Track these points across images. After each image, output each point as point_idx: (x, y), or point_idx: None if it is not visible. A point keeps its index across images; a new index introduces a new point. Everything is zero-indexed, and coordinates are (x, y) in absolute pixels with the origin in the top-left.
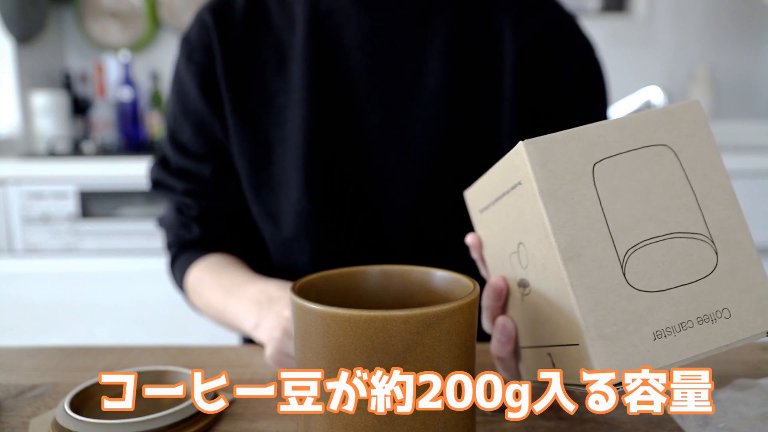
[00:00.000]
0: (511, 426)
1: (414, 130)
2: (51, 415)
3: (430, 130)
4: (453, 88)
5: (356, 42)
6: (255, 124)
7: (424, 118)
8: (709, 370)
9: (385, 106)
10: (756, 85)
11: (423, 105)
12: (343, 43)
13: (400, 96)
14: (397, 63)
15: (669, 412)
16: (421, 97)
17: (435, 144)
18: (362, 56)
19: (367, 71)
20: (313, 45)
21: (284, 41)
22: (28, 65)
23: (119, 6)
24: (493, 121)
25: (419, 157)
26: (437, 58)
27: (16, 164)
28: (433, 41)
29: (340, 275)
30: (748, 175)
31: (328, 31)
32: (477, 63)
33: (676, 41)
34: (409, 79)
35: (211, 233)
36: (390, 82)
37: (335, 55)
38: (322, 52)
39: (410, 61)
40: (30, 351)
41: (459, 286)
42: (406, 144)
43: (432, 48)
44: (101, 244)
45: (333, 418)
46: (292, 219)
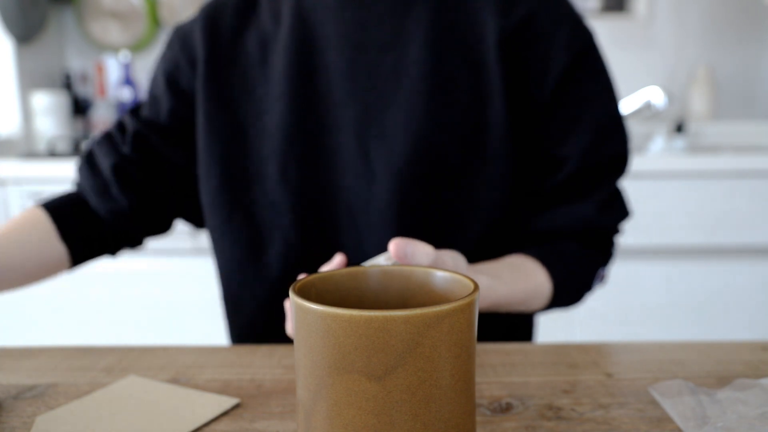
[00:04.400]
0: (511, 426)
1: (395, 120)
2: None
3: (411, 120)
4: (434, 78)
5: (337, 35)
6: (233, 112)
7: (404, 109)
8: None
9: (365, 97)
10: (756, 85)
11: (404, 94)
12: (324, 36)
13: (380, 87)
14: (378, 54)
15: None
16: (402, 87)
17: (416, 134)
18: (343, 49)
19: (348, 63)
20: (295, 39)
21: (269, 35)
22: (28, 65)
23: (119, 6)
24: (478, 111)
25: (400, 148)
26: (417, 49)
27: (16, 164)
28: (414, 32)
29: (340, 275)
30: (748, 175)
31: (310, 26)
32: (459, 53)
33: (676, 41)
34: (389, 70)
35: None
36: (370, 73)
37: (316, 49)
38: (304, 46)
39: (390, 52)
40: (30, 351)
41: (459, 286)
42: (386, 135)
43: (412, 38)
44: None
45: (333, 418)
46: (266, 210)
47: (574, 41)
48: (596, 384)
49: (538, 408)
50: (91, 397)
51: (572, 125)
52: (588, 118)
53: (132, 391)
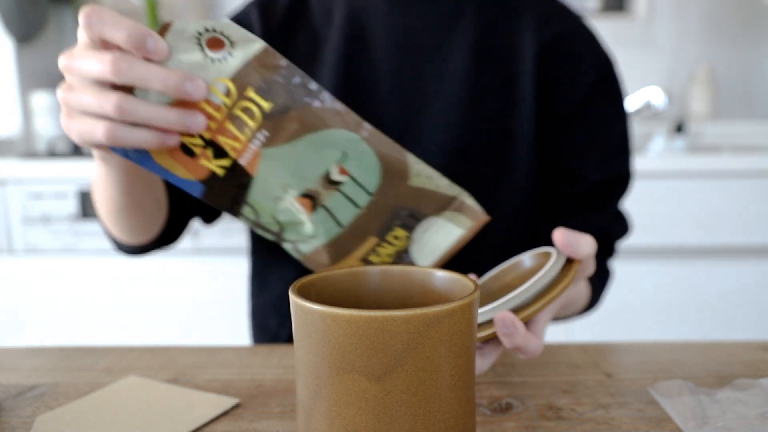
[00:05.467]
0: (511, 426)
1: (434, 123)
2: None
3: (449, 125)
4: (473, 85)
5: (386, 38)
6: None
7: (443, 113)
8: None
9: (407, 99)
10: (756, 85)
11: (443, 99)
12: (373, 37)
13: (422, 90)
14: (422, 60)
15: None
16: (443, 92)
17: (452, 138)
18: (390, 51)
19: (394, 65)
20: (346, 38)
21: (320, 34)
22: (28, 65)
23: (119, 6)
24: (509, 119)
25: (435, 149)
26: (460, 58)
27: (16, 164)
28: (458, 42)
29: (340, 275)
30: (748, 175)
31: (361, 26)
32: (497, 64)
33: (676, 41)
34: (432, 75)
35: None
36: (414, 76)
37: (365, 48)
38: (354, 45)
39: (434, 59)
40: (30, 351)
41: (459, 286)
42: (424, 136)
43: (456, 48)
44: (101, 244)
45: (333, 418)
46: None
47: (601, 61)
48: (596, 384)
49: (538, 408)
50: (91, 397)
51: (589, 141)
52: (603, 136)
53: (132, 391)
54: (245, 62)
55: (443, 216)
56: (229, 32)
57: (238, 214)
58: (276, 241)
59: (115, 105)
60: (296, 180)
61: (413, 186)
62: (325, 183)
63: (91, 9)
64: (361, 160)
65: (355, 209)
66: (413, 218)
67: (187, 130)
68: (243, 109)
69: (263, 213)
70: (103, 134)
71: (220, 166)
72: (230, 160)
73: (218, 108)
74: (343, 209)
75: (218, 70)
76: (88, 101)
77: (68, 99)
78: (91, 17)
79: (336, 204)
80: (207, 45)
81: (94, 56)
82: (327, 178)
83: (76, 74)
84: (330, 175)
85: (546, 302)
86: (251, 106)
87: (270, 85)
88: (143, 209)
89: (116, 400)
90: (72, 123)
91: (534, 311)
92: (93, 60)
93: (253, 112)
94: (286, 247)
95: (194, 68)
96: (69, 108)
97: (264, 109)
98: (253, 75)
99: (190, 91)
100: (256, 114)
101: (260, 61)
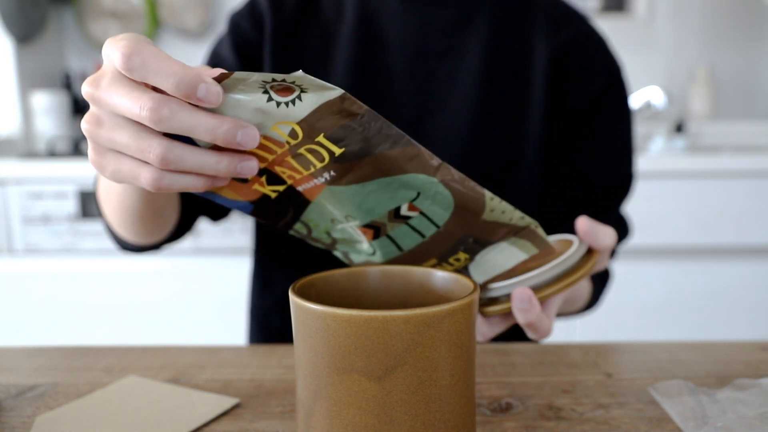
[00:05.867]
0: (511, 426)
1: (446, 123)
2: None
3: (461, 125)
4: (486, 87)
5: (399, 38)
6: None
7: (456, 113)
8: None
9: (421, 99)
10: (756, 85)
11: (456, 101)
12: (387, 37)
13: (435, 91)
14: (436, 61)
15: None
16: (456, 93)
17: (464, 138)
18: (404, 51)
19: (407, 65)
20: (359, 36)
21: (332, 31)
22: (28, 65)
23: (119, 6)
24: (520, 122)
25: (449, 150)
26: (473, 60)
27: (16, 164)
28: (471, 44)
29: (340, 275)
30: (748, 175)
31: (374, 26)
32: (509, 67)
33: (676, 41)
34: (445, 76)
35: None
36: (427, 77)
37: (379, 48)
38: (367, 44)
39: (448, 60)
40: (30, 351)
41: (459, 286)
42: (436, 136)
43: (469, 50)
44: (101, 244)
45: (333, 418)
46: None
47: (611, 67)
48: (596, 384)
49: (538, 408)
50: (91, 397)
51: (596, 145)
52: (610, 140)
53: (132, 391)
54: (317, 107)
55: (508, 240)
56: (301, 81)
57: (288, 230)
58: (326, 249)
59: (160, 157)
60: (361, 213)
61: (485, 220)
62: (392, 217)
63: (131, 47)
64: (434, 200)
65: (420, 238)
66: (478, 244)
67: (238, 176)
68: (309, 150)
69: (317, 230)
70: (147, 183)
71: (273, 191)
72: (286, 185)
73: (280, 144)
74: (407, 238)
75: (285, 113)
76: (125, 144)
77: (98, 137)
78: (132, 60)
79: (400, 234)
80: (273, 89)
81: (129, 95)
82: (395, 212)
83: (105, 109)
84: (399, 211)
85: (564, 286)
86: (320, 150)
87: (345, 132)
88: (161, 215)
89: (116, 400)
90: (106, 162)
91: (551, 293)
92: (127, 100)
93: (322, 155)
94: (337, 254)
95: (255, 110)
96: (98, 145)
97: (334, 153)
98: (325, 120)
99: (242, 142)
100: (324, 157)
101: (335, 107)
